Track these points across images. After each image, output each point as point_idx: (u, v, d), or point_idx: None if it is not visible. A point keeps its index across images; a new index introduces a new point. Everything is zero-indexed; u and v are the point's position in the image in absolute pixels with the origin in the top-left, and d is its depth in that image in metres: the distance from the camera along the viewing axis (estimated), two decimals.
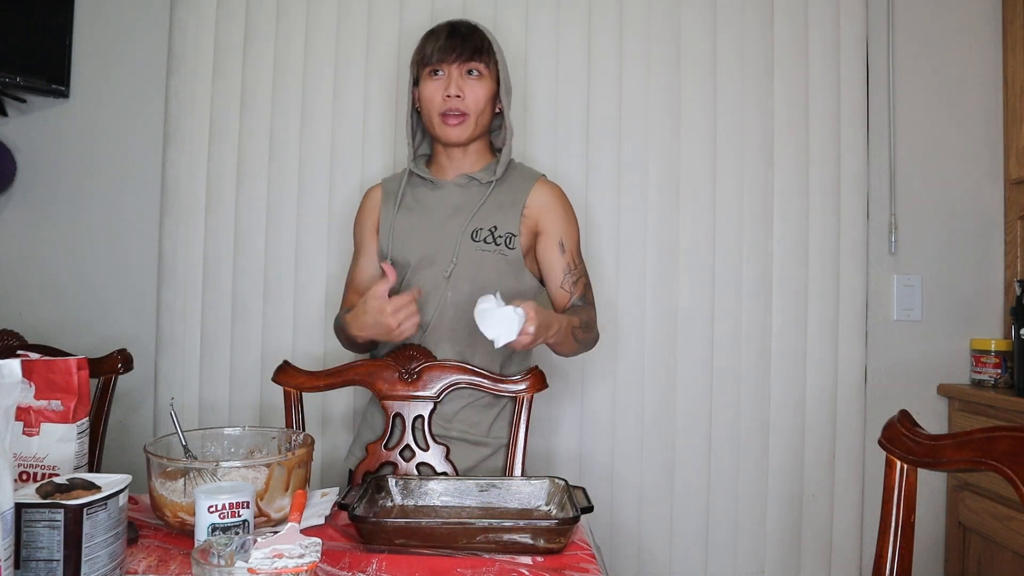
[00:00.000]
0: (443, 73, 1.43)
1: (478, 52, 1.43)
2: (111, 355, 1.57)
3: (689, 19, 1.95)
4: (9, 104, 1.99)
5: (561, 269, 1.47)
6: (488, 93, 1.46)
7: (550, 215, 1.48)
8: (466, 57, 1.42)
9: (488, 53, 1.45)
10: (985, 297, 2.01)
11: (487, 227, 1.45)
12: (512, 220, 1.46)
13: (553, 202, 1.50)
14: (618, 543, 1.92)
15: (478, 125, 1.46)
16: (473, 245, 1.44)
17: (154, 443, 1.10)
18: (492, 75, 1.47)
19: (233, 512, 0.92)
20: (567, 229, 1.49)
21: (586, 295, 1.49)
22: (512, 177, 1.51)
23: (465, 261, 1.43)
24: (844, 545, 1.92)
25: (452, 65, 1.42)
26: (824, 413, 1.93)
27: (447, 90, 1.42)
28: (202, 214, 1.95)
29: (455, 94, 1.42)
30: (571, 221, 1.51)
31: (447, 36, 1.43)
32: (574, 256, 1.49)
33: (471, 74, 1.44)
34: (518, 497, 1.20)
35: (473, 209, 1.46)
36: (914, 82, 2.02)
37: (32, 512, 0.80)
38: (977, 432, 0.82)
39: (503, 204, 1.47)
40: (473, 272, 1.43)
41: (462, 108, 1.43)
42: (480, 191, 1.48)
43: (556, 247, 1.47)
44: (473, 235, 1.44)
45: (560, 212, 1.50)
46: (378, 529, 1.02)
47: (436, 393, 1.45)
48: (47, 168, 2.02)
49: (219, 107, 1.95)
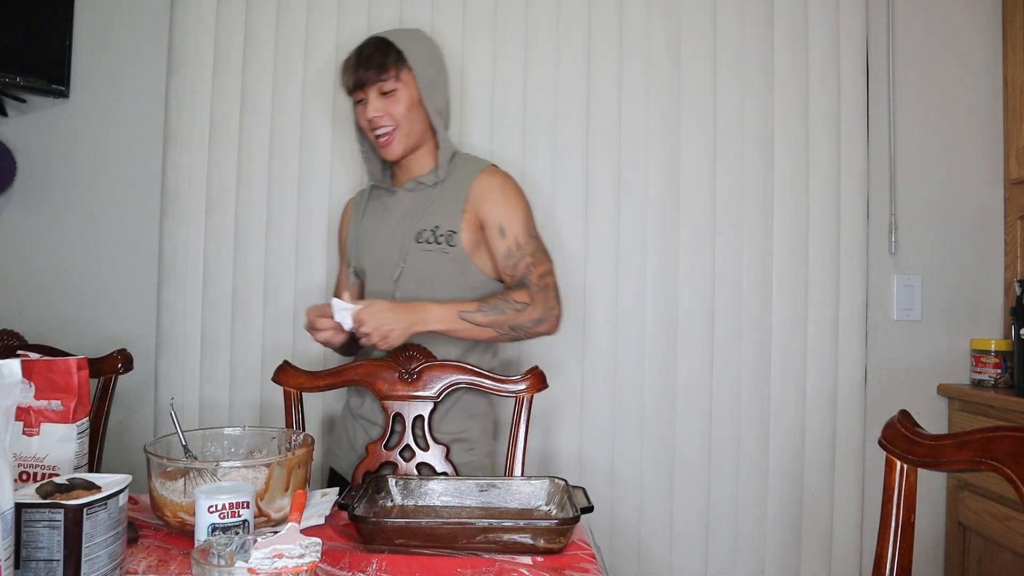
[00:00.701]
0: (364, 99, 1.49)
1: (384, 69, 1.46)
2: (111, 355, 1.57)
3: (689, 19, 1.95)
4: (9, 104, 1.99)
5: (503, 254, 1.49)
6: (408, 102, 1.48)
7: (488, 204, 1.50)
8: (374, 78, 1.46)
9: (396, 66, 1.47)
10: (985, 297, 2.01)
11: (429, 227, 1.48)
12: (453, 217, 1.49)
13: (491, 191, 1.51)
14: (618, 543, 1.92)
15: (408, 135, 1.50)
16: (417, 247, 1.48)
17: (154, 443, 1.10)
18: (410, 82, 1.48)
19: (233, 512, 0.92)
20: (507, 214, 1.49)
21: (528, 274, 1.47)
22: (456, 174, 1.54)
23: (412, 263, 1.48)
24: (844, 545, 1.92)
25: (366, 90, 1.48)
26: (824, 413, 1.93)
27: (368, 113, 1.48)
28: (202, 214, 1.95)
29: (375, 115, 1.47)
30: (512, 205, 1.51)
31: (355, 65, 1.49)
32: (517, 238, 1.49)
33: (385, 94, 1.48)
34: (518, 497, 1.20)
35: (420, 212, 1.51)
36: (914, 82, 2.02)
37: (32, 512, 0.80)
38: (977, 432, 0.82)
39: (447, 202, 1.50)
40: (419, 273, 1.48)
41: (386, 124, 1.47)
42: (427, 193, 1.53)
43: (497, 234, 1.49)
44: (417, 237, 1.48)
45: (498, 199, 1.50)
46: (378, 529, 1.02)
47: (436, 393, 1.46)
48: (47, 168, 2.02)
49: (219, 107, 1.95)
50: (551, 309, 1.46)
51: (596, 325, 1.94)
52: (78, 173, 2.02)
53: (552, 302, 1.47)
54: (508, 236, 1.48)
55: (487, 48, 1.95)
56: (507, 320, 1.42)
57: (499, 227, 1.48)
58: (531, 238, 1.50)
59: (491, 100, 1.94)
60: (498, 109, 1.94)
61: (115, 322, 2.00)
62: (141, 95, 2.01)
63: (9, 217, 2.02)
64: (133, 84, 2.02)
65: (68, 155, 2.02)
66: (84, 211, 2.02)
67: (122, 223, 2.02)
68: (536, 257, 1.49)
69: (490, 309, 1.41)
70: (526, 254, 1.48)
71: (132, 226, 2.01)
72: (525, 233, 1.50)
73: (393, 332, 1.34)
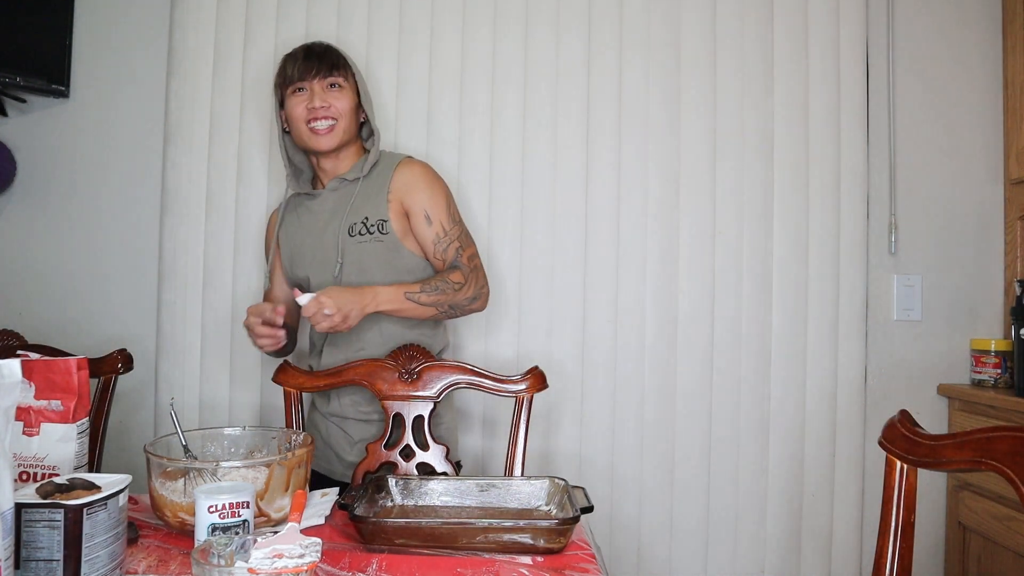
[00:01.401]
0: (306, 90, 1.54)
1: (336, 67, 1.55)
2: (111, 355, 1.57)
3: (689, 19, 1.95)
4: (9, 104, 1.99)
5: (431, 240, 1.55)
6: (350, 103, 1.56)
7: (412, 193, 1.55)
8: (325, 72, 1.54)
9: (344, 68, 1.57)
10: (985, 297, 2.01)
11: (359, 220, 1.53)
12: (380, 206, 1.54)
13: (412, 179, 1.57)
14: (618, 543, 1.92)
15: (346, 131, 1.56)
16: (352, 240, 1.53)
17: (154, 443, 1.10)
18: (352, 87, 1.57)
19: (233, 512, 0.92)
20: (431, 201, 1.56)
21: (459, 256, 1.56)
22: (378, 168, 1.59)
23: (350, 257, 1.53)
24: (844, 545, 1.92)
25: (313, 81, 1.53)
26: (824, 413, 1.93)
27: (311, 102, 1.52)
28: (202, 214, 1.95)
29: (320, 104, 1.52)
30: (435, 192, 1.58)
31: (304, 57, 1.55)
32: (443, 224, 1.56)
33: (333, 87, 1.54)
34: (518, 497, 1.20)
35: (346, 207, 1.55)
36: (914, 82, 2.02)
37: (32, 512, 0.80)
38: (977, 432, 0.82)
39: (370, 194, 1.56)
40: (358, 265, 1.52)
41: (330, 116, 1.53)
42: (351, 189, 1.57)
43: (423, 220, 1.55)
44: (350, 230, 1.53)
45: (421, 186, 1.57)
46: (378, 529, 1.02)
47: (436, 393, 1.46)
48: (47, 168, 2.02)
49: (219, 107, 1.95)
50: (482, 287, 1.57)
51: (596, 325, 1.94)
52: (78, 173, 2.02)
53: (482, 281, 1.58)
54: (434, 222, 1.55)
55: (487, 48, 1.95)
56: (447, 300, 1.51)
57: (424, 214, 1.55)
58: (455, 223, 1.58)
59: (491, 100, 1.94)
60: (498, 109, 1.94)
61: (115, 322, 2.00)
62: (141, 95, 2.02)
63: (9, 217, 2.02)
64: (133, 84, 2.02)
65: (68, 155, 2.02)
66: (84, 211, 2.02)
67: (122, 223, 2.02)
68: (463, 241, 1.58)
69: (432, 290, 1.49)
70: (453, 238, 1.56)
71: (132, 226, 2.01)
72: (449, 218, 1.57)
73: (352, 311, 1.39)
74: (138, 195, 2.01)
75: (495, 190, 1.94)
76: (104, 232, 2.02)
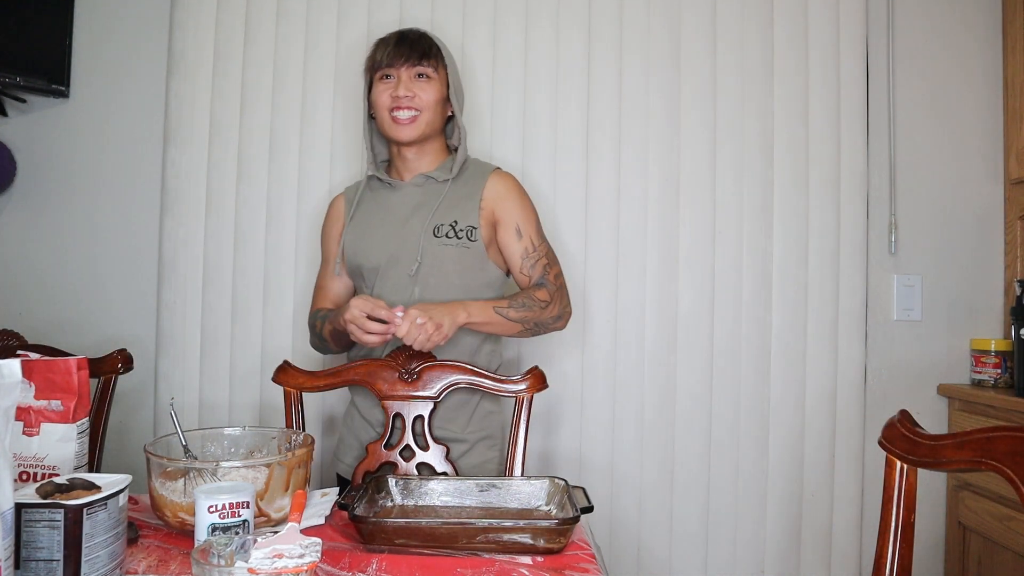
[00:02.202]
0: (393, 77, 1.49)
1: (426, 56, 1.50)
2: (111, 355, 1.57)
3: (689, 19, 1.95)
4: (9, 104, 1.99)
5: (519, 254, 1.53)
6: (437, 95, 1.51)
7: (505, 204, 1.53)
8: (414, 60, 1.49)
9: (436, 57, 1.51)
10: (985, 297, 2.01)
11: (448, 222, 1.49)
12: (471, 213, 1.50)
13: (507, 191, 1.55)
14: (618, 543, 1.92)
15: (429, 124, 1.51)
16: (436, 241, 1.48)
17: (154, 443, 1.10)
18: (442, 79, 1.52)
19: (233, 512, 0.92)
20: (523, 215, 1.54)
21: (546, 274, 1.54)
22: (467, 173, 1.56)
23: (430, 258, 1.48)
24: (844, 545, 1.92)
25: (401, 68, 1.49)
26: (824, 413, 1.93)
27: (396, 91, 1.48)
28: (202, 214, 1.95)
29: (405, 94, 1.47)
30: (526, 207, 1.56)
31: (396, 42, 1.50)
32: (532, 239, 1.54)
33: (420, 77, 1.50)
34: (518, 497, 1.20)
35: (433, 206, 1.51)
36: (914, 81, 2.02)
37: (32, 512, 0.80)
38: (977, 432, 0.82)
39: (461, 198, 1.52)
40: (438, 267, 1.48)
41: (414, 106, 1.48)
42: (438, 189, 1.53)
43: (513, 234, 1.53)
44: (435, 231, 1.49)
45: (515, 200, 1.55)
46: (378, 529, 1.02)
47: (436, 393, 1.46)
48: (47, 168, 2.02)
49: (219, 107, 1.95)
50: (566, 307, 1.55)
51: (596, 325, 1.94)
52: (78, 173, 2.02)
53: (566, 300, 1.55)
54: (524, 237, 1.53)
55: (487, 48, 1.95)
56: (533, 317, 1.48)
57: (516, 227, 1.53)
58: (543, 240, 1.57)
59: (491, 100, 1.95)
60: (498, 109, 1.94)
61: (115, 322, 2.00)
62: (141, 95, 2.02)
63: (9, 217, 2.02)
64: (133, 84, 2.02)
65: (68, 155, 2.02)
66: (84, 211, 2.02)
67: (122, 223, 2.02)
68: (550, 258, 1.56)
69: (520, 306, 1.46)
70: (541, 255, 1.54)
71: (132, 226, 2.01)
72: (538, 235, 1.56)
73: (445, 322, 1.36)
74: (137, 195, 2.01)
75: None
76: (104, 232, 2.02)
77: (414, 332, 1.32)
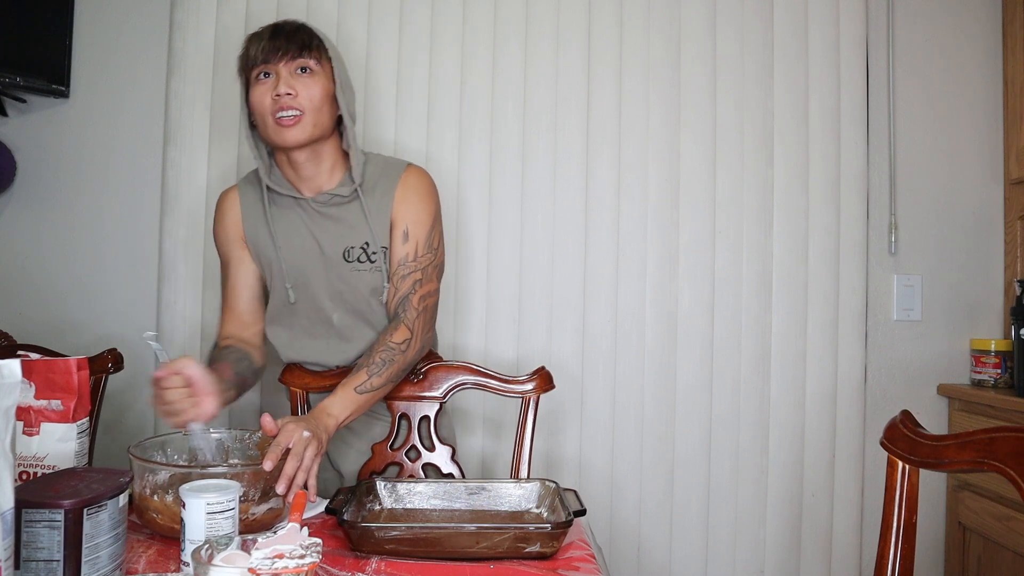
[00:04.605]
0: (272, 74, 1.30)
1: (306, 47, 1.31)
2: (101, 354, 1.56)
3: (689, 19, 1.95)
4: (9, 104, 1.99)
5: (398, 260, 1.37)
6: (324, 91, 1.32)
7: (403, 206, 1.38)
8: (294, 53, 1.30)
9: (318, 49, 1.33)
10: (985, 297, 2.01)
11: (359, 244, 1.37)
12: (382, 231, 1.37)
13: (410, 192, 1.39)
14: (618, 544, 1.92)
15: (316, 125, 1.31)
16: (348, 267, 1.37)
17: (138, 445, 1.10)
18: (327, 73, 1.33)
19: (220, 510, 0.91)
20: (417, 217, 1.38)
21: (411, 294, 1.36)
22: (376, 179, 1.40)
23: (343, 284, 1.37)
24: (844, 545, 1.92)
25: (279, 64, 1.30)
26: (824, 413, 1.93)
27: (276, 90, 1.28)
28: (202, 214, 1.94)
29: (286, 92, 1.28)
30: (425, 209, 1.39)
31: (271, 35, 1.32)
32: (418, 246, 1.37)
33: (303, 72, 1.31)
34: (508, 500, 1.17)
35: (340, 227, 1.37)
36: (914, 82, 2.02)
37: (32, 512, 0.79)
38: (979, 433, 0.82)
39: (372, 214, 1.37)
40: (353, 291, 1.38)
41: (296, 106, 1.28)
42: (345, 209, 1.38)
43: (400, 236, 1.37)
44: (345, 255, 1.37)
45: (415, 201, 1.39)
46: (366, 535, 0.99)
47: (442, 393, 1.45)
48: (47, 168, 2.02)
49: (219, 107, 1.94)
50: (428, 333, 1.40)
51: (596, 325, 1.93)
52: (78, 173, 2.02)
53: (429, 325, 1.40)
54: (410, 241, 1.38)
55: (487, 48, 1.94)
56: (399, 367, 1.34)
57: (404, 229, 1.38)
58: (429, 251, 1.40)
59: (491, 99, 1.94)
60: (499, 109, 1.94)
61: (115, 322, 2.00)
62: (141, 95, 2.01)
63: (9, 217, 2.02)
64: (133, 84, 2.02)
65: (68, 155, 2.02)
66: (84, 211, 2.02)
67: (122, 223, 2.01)
68: (426, 274, 1.39)
69: (380, 367, 1.30)
70: (419, 268, 1.38)
71: (132, 226, 2.01)
72: (427, 243, 1.39)
73: (323, 438, 1.17)
74: (138, 195, 2.01)
75: (495, 190, 1.94)
76: (104, 232, 2.02)
77: (300, 446, 1.10)
